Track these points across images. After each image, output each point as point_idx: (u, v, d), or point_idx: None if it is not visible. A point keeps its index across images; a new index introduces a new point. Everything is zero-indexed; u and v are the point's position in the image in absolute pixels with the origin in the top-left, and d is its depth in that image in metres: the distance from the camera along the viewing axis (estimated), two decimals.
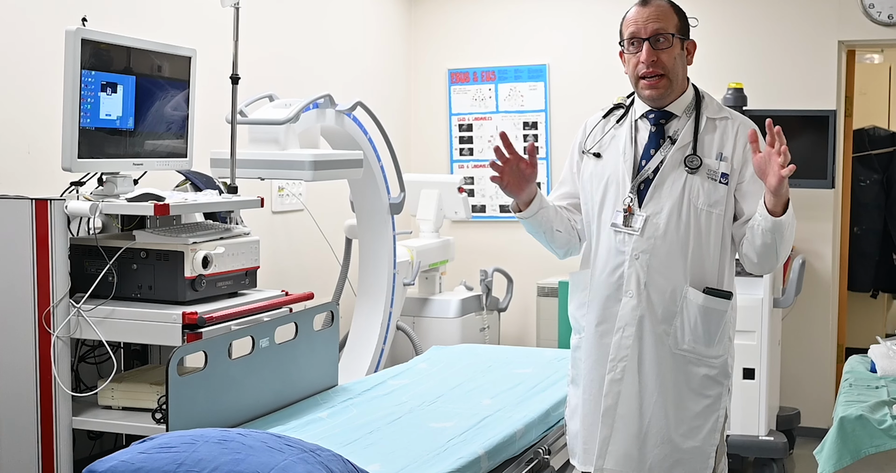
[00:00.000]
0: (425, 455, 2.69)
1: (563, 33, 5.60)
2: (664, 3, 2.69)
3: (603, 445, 2.71)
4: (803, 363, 5.31)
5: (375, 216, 4.37)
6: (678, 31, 2.67)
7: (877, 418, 3.05)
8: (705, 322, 2.66)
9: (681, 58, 2.69)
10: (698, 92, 2.76)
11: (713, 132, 2.70)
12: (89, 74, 2.88)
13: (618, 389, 2.68)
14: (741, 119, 2.74)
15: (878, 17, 5.02)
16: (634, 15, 2.68)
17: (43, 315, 2.87)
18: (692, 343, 2.67)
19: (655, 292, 2.66)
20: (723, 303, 2.68)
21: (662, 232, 2.65)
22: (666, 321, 2.66)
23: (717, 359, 2.70)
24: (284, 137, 3.59)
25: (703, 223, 2.65)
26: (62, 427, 2.90)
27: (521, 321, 5.73)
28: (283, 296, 3.31)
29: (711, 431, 2.70)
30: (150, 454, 2.15)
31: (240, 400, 2.93)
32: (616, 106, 2.84)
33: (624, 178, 2.71)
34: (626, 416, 2.68)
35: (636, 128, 2.75)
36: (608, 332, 2.71)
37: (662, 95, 2.68)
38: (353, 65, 5.25)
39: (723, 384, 2.71)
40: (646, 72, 2.65)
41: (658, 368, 2.66)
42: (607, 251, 2.72)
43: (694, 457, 2.68)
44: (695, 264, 2.66)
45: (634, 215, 2.67)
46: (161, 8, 3.84)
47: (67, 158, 2.87)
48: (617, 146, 2.76)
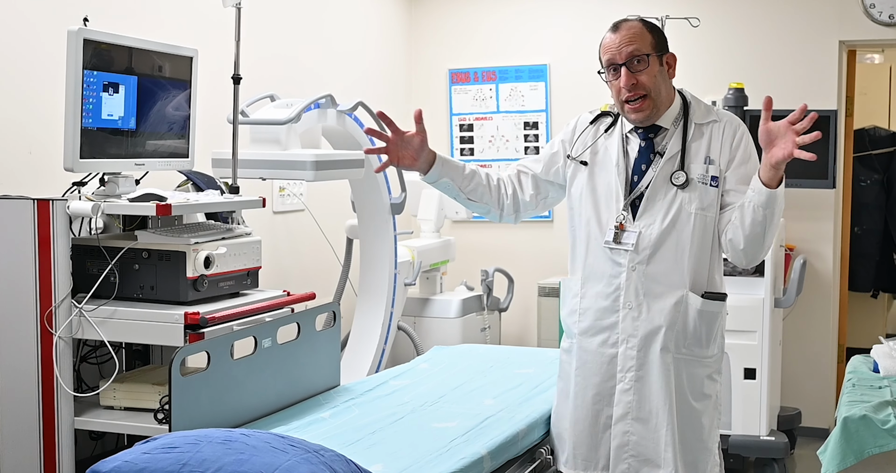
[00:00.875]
0: (428, 456, 2.69)
1: (564, 33, 5.60)
2: (636, 23, 2.70)
3: (618, 454, 2.74)
4: (804, 363, 5.31)
5: (376, 216, 4.37)
6: (654, 48, 2.67)
7: (880, 418, 3.06)
8: (703, 325, 2.71)
9: (661, 74, 2.70)
10: (685, 99, 2.76)
11: (700, 138, 2.72)
12: (91, 74, 2.88)
13: (628, 398, 2.73)
14: (727, 118, 2.76)
15: (878, 17, 5.02)
16: (608, 42, 2.69)
17: (45, 315, 2.87)
18: (691, 346, 2.72)
19: (656, 302, 2.69)
20: (718, 305, 2.73)
21: (656, 242, 2.68)
22: (669, 328, 2.69)
23: (712, 358, 2.76)
24: (286, 137, 3.59)
25: (697, 227, 2.67)
26: (64, 427, 2.90)
27: (521, 321, 5.73)
28: (285, 296, 3.31)
29: (712, 428, 2.77)
30: (154, 454, 2.15)
31: (242, 401, 2.93)
32: (604, 113, 2.84)
33: (617, 194, 2.72)
34: (638, 424, 2.73)
35: (626, 141, 2.76)
36: (602, 342, 2.75)
37: (648, 117, 2.70)
38: (355, 65, 5.25)
39: (717, 381, 2.79)
40: (628, 96, 2.66)
41: (664, 374, 2.70)
42: (602, 263, 2.74)
43: (702, 456, 2.74)
44: (690, 269, 2.69)
45: (626, 231, 2.68)
46: (162, 8, 3.84)
47: (69, 159, 2.86)
48: (609, 158, 2.76)
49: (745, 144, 2.72)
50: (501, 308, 5.25)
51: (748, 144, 2.72)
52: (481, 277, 5.12)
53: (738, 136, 2.71)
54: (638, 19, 2.71)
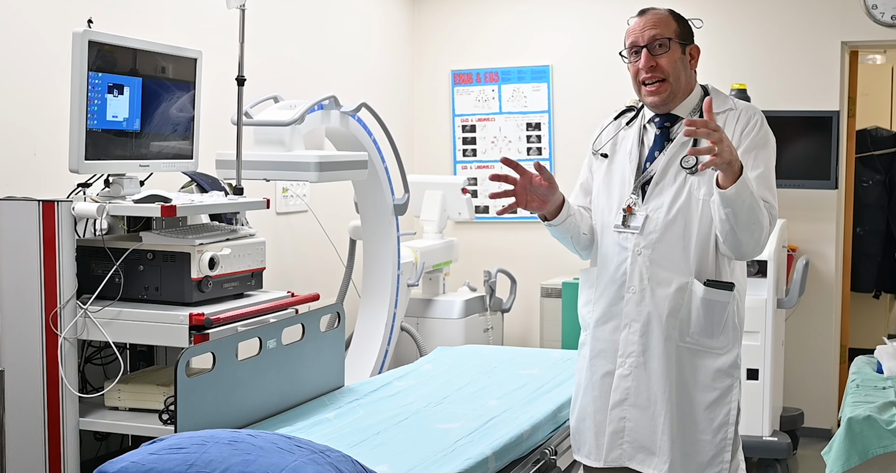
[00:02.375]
0: (433, 456, 2.69)
1: (567, 34, 5.61)
2: (662, 11, 2.73)
3: (613, 439, 2.73)
4: (807, 363, 5.31)
5: (379, 217, 4.38)
6: (677, 36, 2.69)
7: (884, 418, 3.06)
8: (708, 314, 2.67)
9: (682, 62, 2.71)
10: (706, 91, 2.77)
11: None
12: (96, 75, 2.89)
13: (627, 384, 2.72)
14: (743, 107, 2.74)
15: (880, 18, 5.02)
16: (633, 25, 2.72)
17: (50, 316, 2.87)
18: (696, 335, 2.69)
19: (659, 287, 2.68)
20: (724, 295, 2.67)
21: (662, 227, 2.67)
22: (671, 314, 2.68)
23: (722, 350, 2.71)
24: (290, 138, 3.59)
25: (704, 214, 2.65)
26: (69, 427, 2.90)
27: (524, 321, 5.74)
28: (290, 297, 3.31)
29: (722, 424, 2.70)
30: (161, 455, 2.16)
31: (247, 401, 2.93)
32: (627, 108, 2.87)
33: (628, 179, 2.74)
34: (636, 411, 2.72)
35: (644, 131, 2.78)
36: (613, 329, 2.75)
37: (665, 101, 2.70)
38: (358, 66, 5.25)
39: (732, 375, 2.71)
40: (645, 77, 2.68)
41: (665, 362, 2.68)
42: (611, 249, 2.75)
43: (703, 450, 2.70)
44: (696, 257, 2.67)
45: (635, 214, 2.69)
46: (167, 10, 3.85)
47: (74, 160, 2.87)
48: (625, 148, 2.79)
49: (757, 132, 2.67)
50: (504, 309, 5.25)
51: (759, 132, 2.67)
52: (484, 278, 5.13)
53: (752, 124, 2.68)
54: (666, 9, 2.73)
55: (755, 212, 2.52)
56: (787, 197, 5.09)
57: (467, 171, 5.80)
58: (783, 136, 4.95)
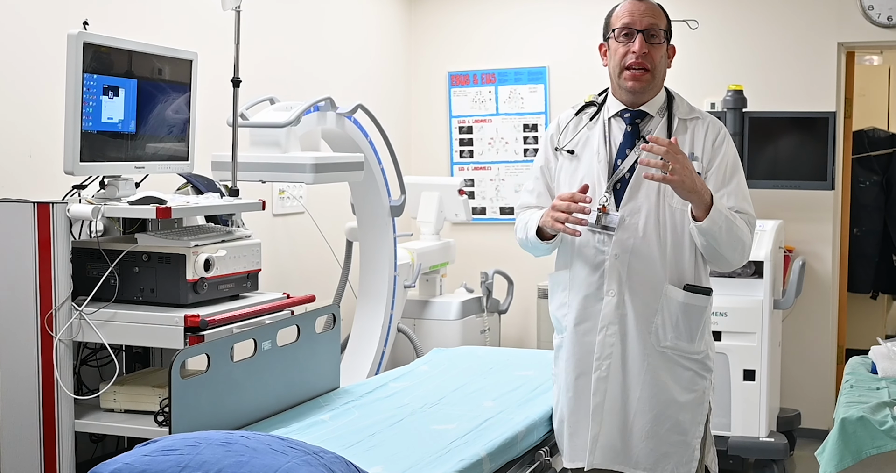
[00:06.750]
0: (427, 457, 2.70)
1: (563, 36, 5.61)
2: (655, 3, 2.76)
3: (593, 442, 2.75)
4: (803, 364, 5.31)
5: (376, 219, 4.38)
6: (666, 31, 2.74)
7: (878, 419, 3.06)
8: (686, 319, 2.71)
9: (664, 59, 2.75)
10: (669, 93, 2.79)
11: (684, 133, 2.75)
12: (91, 77, 2.89)
13: (605, 386, 2.74)
14: (710, 119, 2.80)
15: (877, 19, 5.03)
16: (630, 7, 2.72)
17: (45, 318, 2.87)
18: (674, 340, 2.72)
19: (637, 291, 2.70)
20: (703, 299, 2.74)
21: (642, 233, 2.70)
22: (647, 318, 2.71)
23: (698, 354, 2.76)
24: (285, 139, 3.60)
25: (678, 222, 2.69)
26: (64, 429, 2.90)
27: (521, 322, 5.74)
28: (285, 299, 3.31)
29: (696, 424, 2.77)
30: (154, 456, 2.16)
31: (242, 403, 2.93)
32: (588, 104, 2.86)
33: (599, 178, 2.73)
34: (613, 413, 2.75)
35: (609, 127, 2.77)
36: (589, 331, 2.77)
37: (644, 90, 2.72)
38: (354, 68, 5.26)
39: (706, 378, 2.79)
40: (634, 62, 2.68)
41: (642, 365, 2.72)
42: (587, 251, 2.75)
43: (679, 450, 2.76)
44: (673, 263, 2.71)
45: (609, 214, 2.70)
46: (162, 11, 3.85)
47: (69, 162, 2.87)
48: (591, 146, 2.79)
49: (728, 145, 2.75)
50: (501, 310, 5.25)
51: (729, 145, 2.75)
52: (481, 279, 5.13)
53: (721, 137, 2.75)
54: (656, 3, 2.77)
55: (734, 232, 2.61)
56: (783, 198, 5.10)
57: (464, 172, 5.81)
58: (779, 137, 4.98)
